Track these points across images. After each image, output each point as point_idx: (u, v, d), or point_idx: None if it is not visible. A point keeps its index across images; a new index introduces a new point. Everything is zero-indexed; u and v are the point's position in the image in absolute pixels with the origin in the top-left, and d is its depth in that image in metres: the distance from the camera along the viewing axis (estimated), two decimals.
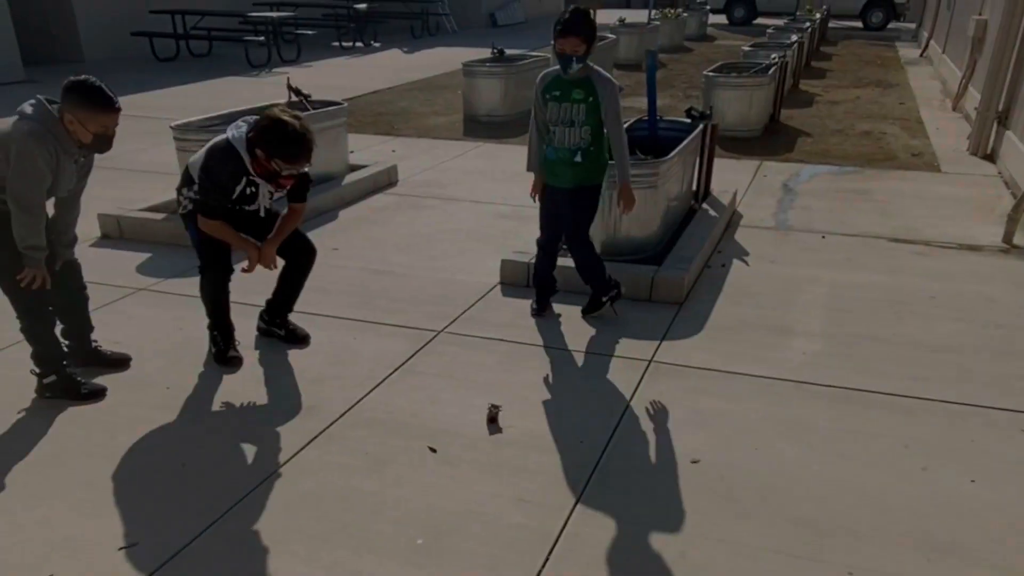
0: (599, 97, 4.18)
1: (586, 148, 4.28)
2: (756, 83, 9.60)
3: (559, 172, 4.40)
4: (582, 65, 4.13)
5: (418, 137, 9.74)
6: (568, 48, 4.05)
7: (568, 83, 4.21)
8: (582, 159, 4.29)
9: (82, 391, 3.86)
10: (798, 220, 6.57)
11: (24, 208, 3.44)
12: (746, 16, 26.32)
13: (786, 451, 3.46)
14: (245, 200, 3.96)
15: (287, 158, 3.70)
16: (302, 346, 4.42)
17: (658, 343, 4.45)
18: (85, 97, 3.39)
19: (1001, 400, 3.84)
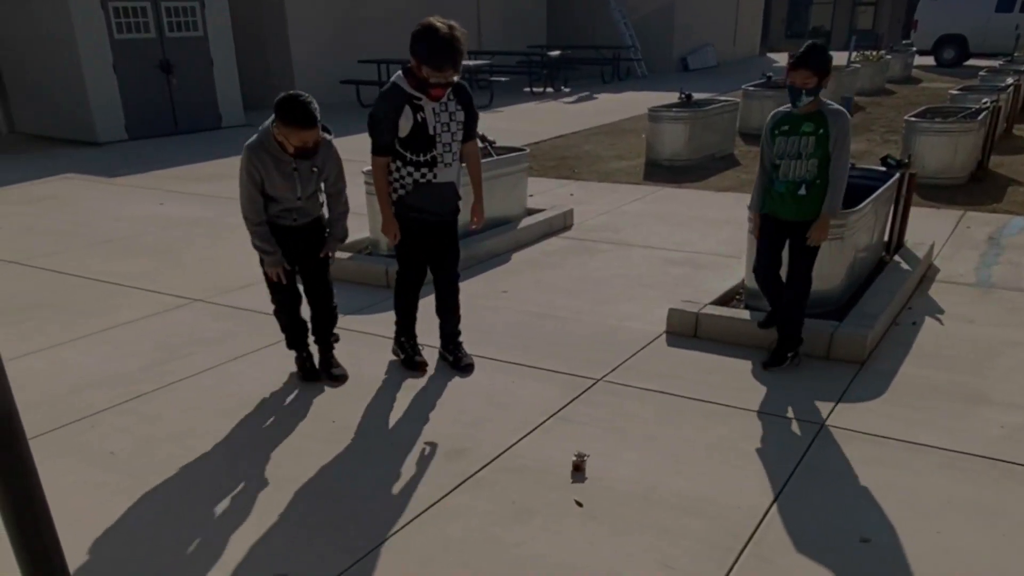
0: (829, 128, 4.14)
1: (811, 181, 4.24)
2: (963, 129, 8.90)
3: (783, 204, 4.37)
4: (812, 99, 4.13)
5: (598, 181, 9.76)
6: (799, 81, 4.09)
7: (798, 117, 4.22)
8: (806, 192, 4.26)
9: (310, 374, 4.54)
10: (1003, 277, 5.97)
11: (243, 210, 4.10)
12: (956, 57, 24.59)
13: (970, 538, 3.09)
14: (421, 139, 4.14)
15: (433, 64, 3.93)
16: (465, 374, 4.59)
17: (833, 405, 4.14)
18: (286, 113, 3.83)
19: None
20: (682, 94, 10.99)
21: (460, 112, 4.28)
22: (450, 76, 4.01)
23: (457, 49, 3.90)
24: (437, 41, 3.88)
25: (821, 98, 4.18)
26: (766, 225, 4.52)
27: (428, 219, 4.39)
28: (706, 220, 7.75)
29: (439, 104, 4.16)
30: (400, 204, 4.31)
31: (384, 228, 4.37)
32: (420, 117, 4.11)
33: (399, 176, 4.27)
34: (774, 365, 4.56)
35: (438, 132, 4.18)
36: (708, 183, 9.49)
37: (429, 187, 4.28)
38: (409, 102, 4.09)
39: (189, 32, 13.78)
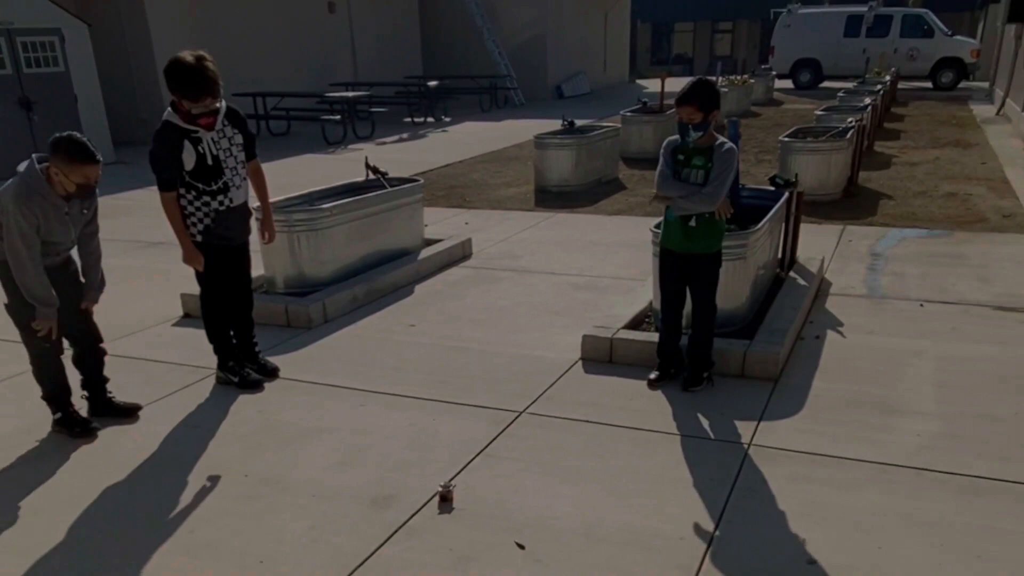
0: (714, 163, 4.17)
1: (701, 214, 4.25)
2: (834, 147, 9.35)
3: (673, 234, 4.39)
4: (701, 134, 4.16)
5: (490, 209, 9.70)
6: (685, 116, 4.13)
7: (692, 149, 4.24)
8: (696, 224, 4.27)
9: (75, 429, 4.19)
10: (891, 287, 6.23)
11: (13, 259, 3.75)
12: (812, 80, 26.07)
13: (915, 551, 3.11)
14: (208, 169, 4.26)
15: (190, 96, 4.03)
16: (272, 378, 4.82)
17: (756, 424, 4.16)
18: (73, 150, 3.69)
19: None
20: (564, 121, 11.11)
21: (237, 135, 4.43)
22: (211, 104, 4.13)
23: (208, 77, 4.02)
24: (186, 74, 4.00)
25: (714, 133, 4.22)
26: (664, 262, 4.53)
27: (231, 243, 4.57)
28: (602, 244, 7.78)
29: (216, 132, 4.28)
30: (208, 234, 4.42)
31: (188, 259, 4.44)
32: (201, 149, 4.22)
33: (199, 207, 4.36)
34: (693, 386, 4.56)
35: (223, 159, 4.31)
36: (599, 207, 9.58)
37: (229, 212, 4.43)
38: (186, 136, 4.19)
39: (49, 67, 12.92)
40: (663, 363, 4.69)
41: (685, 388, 4.56)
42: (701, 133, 4.15)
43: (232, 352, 4.83)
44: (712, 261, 4.42)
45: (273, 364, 4.98)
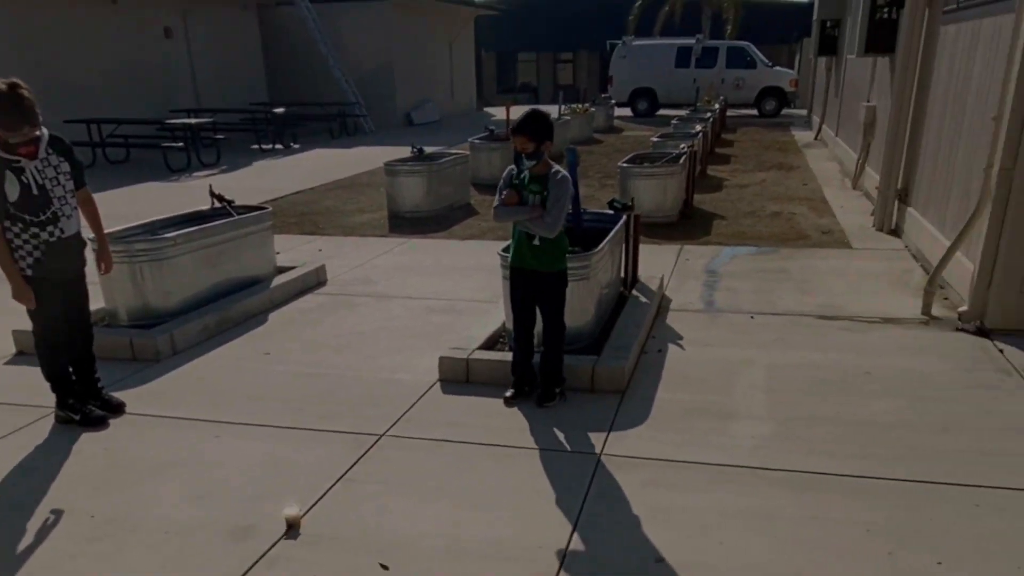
0: (549, 191, 4.37)
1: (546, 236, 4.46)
2: (669, 171, 9.90)
3: (520, 251, 4.56)
4: (535, 163, 4.36)
5: (344, 235, 9.64)
6: (518, 145, 4.32)
7: (530, 176, 4.43)
8: (540, 243, 4.47)
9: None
10: (725, 301, 6.67)
11: None
12: (649, 108, 27.46)
13: (752, 544, 3.37)
14: (34, 199, 4.11)
15: (3, 125, 3.93)
16: (118, 414, 4.67)
17: (606, 435, 4.36)
18: None
19: (951, 475, 3.85)
20: (414, 148, 11.23)
21: (64, 163, 4.30)
22: (30, 133, 4.04)
23: (24, 106, 3.94)
24: (0, 103, 3.89)
25: (550, 162, 4.44)
26: (513, 281, 4.71)
27: (65, 275, 4.43)
28: (457, 268, 7.91)
29: (39, 161, 4.14)
30: (39, 267, 4.27)
31: (17, 296, 4.28)
32: (24, 179, 4.09)
33: (27, 239, 4.21)
34: (547, 402, 4.73)
35: (49, 188, 4.19)
36: (452, 232, 9.72)
37: (60, 243, 4.30)
38: (8, 167, 4.05)
39: None
40: (518, 381, 4.84)
41: (539, 404, 4.73)
42: (535, 162, 4.36)
43: (72, 389, 4.61)
44: (558, 279, 4.62)
45: (118, 399, 4.78)
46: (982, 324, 5.74)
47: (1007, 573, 3.14)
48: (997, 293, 5.63)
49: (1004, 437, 4.22)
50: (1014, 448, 4.10)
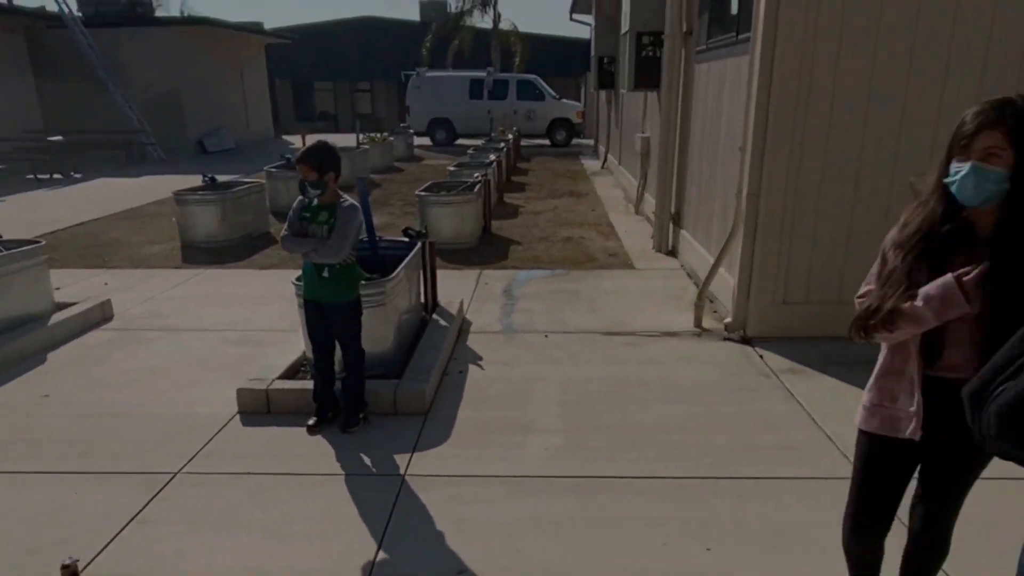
0: (337, 219, 4.46)
1: (332, 265, 4.53)
2: (465, 199, 10.24)
3: (311, 285, 4.62)
4: (320, 192, 4.44)
5: (133, 268, 9.18)
6: (303, 175, 4.41)
7: (319, 206, 4.51)
8: (329, 274, 4.54)
9: None
10: (522, 322, 7.00)
11: None
12: (448, 137, 28.02)
13: (546, 548, 3.61)
14: None
15: None
16: None
17: (410, 456, 4.49)
18: None
19: (719, 470, 4.30)
20: (206, 177, 10.91)
21: None
22: None
23: None
24: None
25: (338, 191, 4.55)
26: (308, 311, 4.76)
27: None
28: (255, 297, 7.77)
29: None
30: None
31: None
32: None
33: None
34: (350, 427, 4.80)
35: None
36: (251, 262, 9.51)
37: None
38: None
39: None
40: (320, 408, 4.87)
41: (343, 430, 4.78)
42: (320, 191, 4.45)
43: None
44: (351, 308, 4.73)
45: None
46: (745, 333, 6.41)
47: (766, 552, 3.56)
48: (755, 305, 6.31)
49: (762, 432, 4.76)
50: (771, 441, 4.64)
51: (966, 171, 2.15)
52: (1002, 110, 2.13)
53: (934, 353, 2.35)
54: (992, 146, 2.12)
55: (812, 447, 4.55)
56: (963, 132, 2.18)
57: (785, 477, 4.20)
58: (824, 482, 4.09)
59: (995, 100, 2.16)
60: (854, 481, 2.68)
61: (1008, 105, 2.13)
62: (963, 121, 2.19)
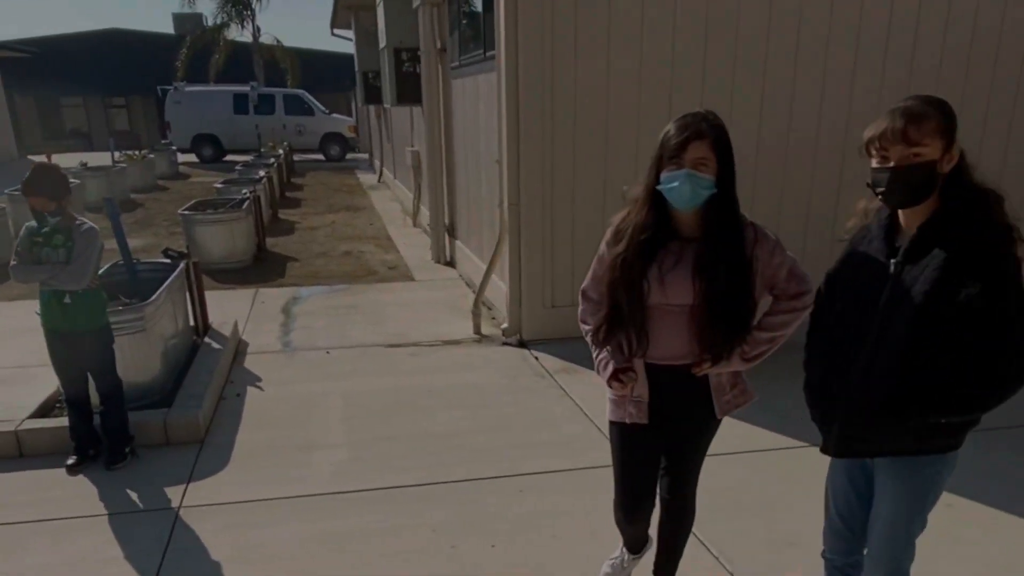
0: (75, 242, 4.20)
1: (73, 289, 4.22)
2: (234, 216, 9.86)
3: (52, 314, 4.27)
4: (60, 218, 4.19)
5: None
6: (37, 206, 4.16)
7: (52, 230, 4.21)
8: (71, 300, 4.24)
9: None
10: (302, 340, 6.85)
11: None
12: (215, 154, 26.77)
13: (334, 564, 3.56)
14: None
15: None
16: None
17: (185, 486, 4.26)
18: None
19: (498, 469, 4.44)
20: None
21: None
22: None
23: None
24: None
25: (72, 213, 4.27)
26: (51, 343, 4.39)
27: None
28: (2, 332, 7.03)
29: None
30: None
31: None
32: None
33: None
34: (115, 463, 4.48)
35: None
36: None
37: None
38: None
39: None
40: (79, 446, 4.51)
41: (107, 467, 4.46)
42: (59, 218, 4.19)
43: None
44: (99, 336, 4.41)
45: None
46: (521, 337, 6.65)
47: (545, 542, 3.73)
48: (528, 309, 6.58)
49: (540, 429, 4.97)
50: (548, 438, 4.85)
51: (682, 179, 2.38)
52: (703, 124, 2.39)
53: (647, 346, 2.60)
54: (701, 156, 2.37)
55: (584, 440, 4.81)
56: (672, 144, 2.40)
57: (561, 470, 4.42)
58: (597, 471, 4.34)
59: (691, 115, 2.42)
60: (615, 469, 2.88)
61: (704, 120, 2.40)
62: (668, 134, 2.43)
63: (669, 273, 2.49)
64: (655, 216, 2.50)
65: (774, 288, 2.58)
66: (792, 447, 4.61)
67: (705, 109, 2.45)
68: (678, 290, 2.49)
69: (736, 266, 2.44)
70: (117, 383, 4.52)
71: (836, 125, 6.46)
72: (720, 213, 2.45)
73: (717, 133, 2.39)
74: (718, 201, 2.42)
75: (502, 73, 6.07)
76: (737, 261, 2.45)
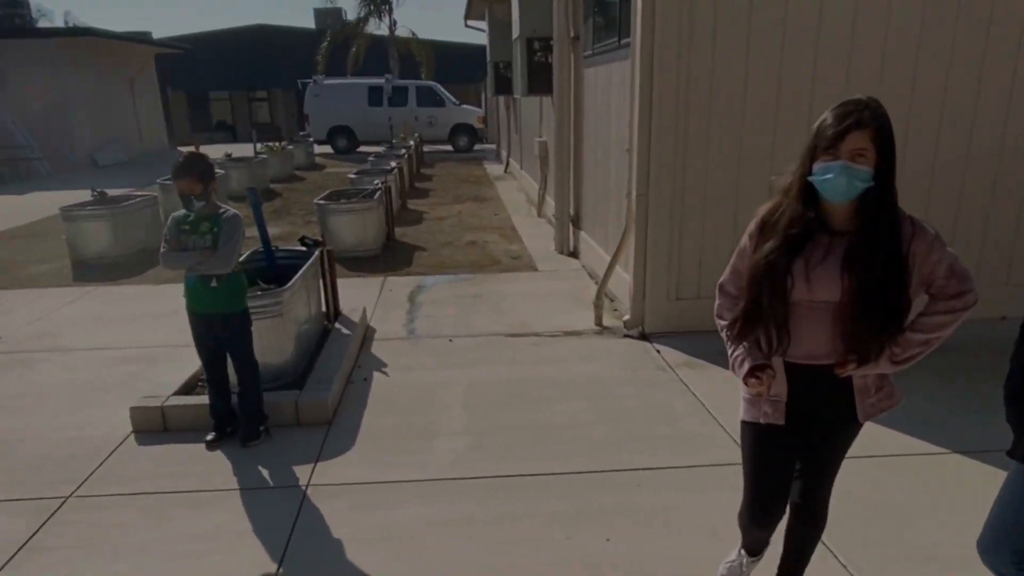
0: (220, 228, 4.39)
1: (220, 274, 4.43)
2: (366, 206, 10.16)
3: (198, 297, 4.50)
4: (204, 203, 4.36)
5: (20, 288, 8.78)
6: (184, 189, 4.30)
7: (198, 218, 4.41)
8: (217, 284, 4.45)
9: None
10: (426, 328, 7.00)
11: None
12: (349, 145, 27.71)
13: (453, 549, 3.63)
14: None
15: None
16: None
17: (313, 466, 4.44)
18: None
19: (616, 462, 4.40)
20: (94, 192, 10.51)
21: None
22: None
23: None
24: None
25: (216, 201, 4.48)
26: (195, 325, 4.62)
27: None
28: (150, 314, 7.53)
29: None
30: None
31: None
32: None
33: None
34: (251, 440, 4.71)
35: None
36: (145, 277, 9.21)
37: None
38: None
39: None
40: (218, 424, 4.77)
41: (243, 444, 4.70)
42: (204, 202, 4.38)
43: None
44: (240, 319, 4.63)
45: None
46: (643, 329, 6.57)
47: (661, 538, 3.67)
48: (651, 301, 6.48)
49: (659, 423, 4.90)
50: (667, 432, 4.78)
51: (837, 171, 2.26)
52: (864, 113, 2.25)
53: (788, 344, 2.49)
54: (860, 147, 2.24)
55: (706, 437, 4.70)
56: (828, 134, 2.27)
57: (680, 466, 4.34)
58: (718, 469, 4.24)
59: (852, 102, 2.28)
60: (746, 470, 2.79)
61: (867, 108, 2.26)
62: (825, 123, 2.30)
63: (816, 268, 2.38)
64: (806, 208, 2.39)
65: (931, 287, 2.40)
66: (932, 453, 4.35)
67: (868, 96, 2.30)
68: (824, 286, 2.37)
69: (891, 261, 2.30)
70: (254, 364, 4.75)
71: None
72: (876, 205, 2.31)
73: (879, 123, 2.25)
74: (875, 193, 2.29)
75: (636, 61, 5.99)
76: (892, 255, 2.30)
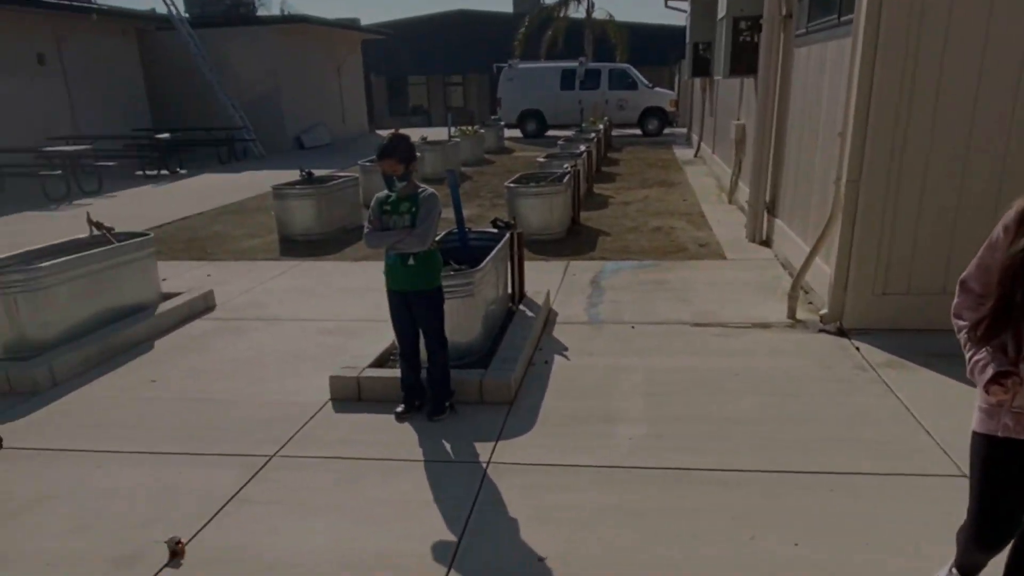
0: (419, 207, 4.55)
1: (417, 252, 4.61)
2: (554, 190, 10.22)
3: (395, 275, 4.69)
4: (405, 183, 4.55)
5: (234, 260, 9.57)
6: (388, 169, 4.49)
7: (398, 198, 4.60)
8: (414, 261, 4.61)
9: None
10: (608, 313, 6.95)
11: None
12: (538, 129, 28.03)
13: (626, 537, 3.58)
14: None
15: None
16: None
17: (494, 444, 4.52)
18: None
19: (806, 463, 4.18)
20: (303, 172, 11.23)
21: None
22: None
23: None
24: None
25: (415, 182, 4.65)
26: (392, 301, 4.82)
27: None
28: (349, 289, 7.97)
29: None
30: None
31: None
32: None
33: None
34: (437, 415, 4.87)
35: None
36: (344, 254, 9.76)
37: None
38: None
39: None
40: (407, 396, 4.96)
41: (430, 418, 4.86)
42: (405, 183, 4.56)
43: None
44: (434, 297, 4.79)
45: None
46: (841, 325, 6.19)
47: (856, 549, 3.44)
48: (853, 296, 6.09)
49: (855, 426, 4.59)
50: (864, 435, 4.47)
51: None
52: None
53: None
54: None
55: (909, 443, 4.36)
56: None
57: (879, 473, 4.05)
58: (922, 479, 3.92)
59: None
60: (974, 487, 2.55)
61: None
62: None
63: None
64: None
65: None
66: None
67: None
68: None
69: None
70: (444, 341, 4.90)
71: None
72: None
73: None
74: None
75: (859, 38, 5.59)
76: None
